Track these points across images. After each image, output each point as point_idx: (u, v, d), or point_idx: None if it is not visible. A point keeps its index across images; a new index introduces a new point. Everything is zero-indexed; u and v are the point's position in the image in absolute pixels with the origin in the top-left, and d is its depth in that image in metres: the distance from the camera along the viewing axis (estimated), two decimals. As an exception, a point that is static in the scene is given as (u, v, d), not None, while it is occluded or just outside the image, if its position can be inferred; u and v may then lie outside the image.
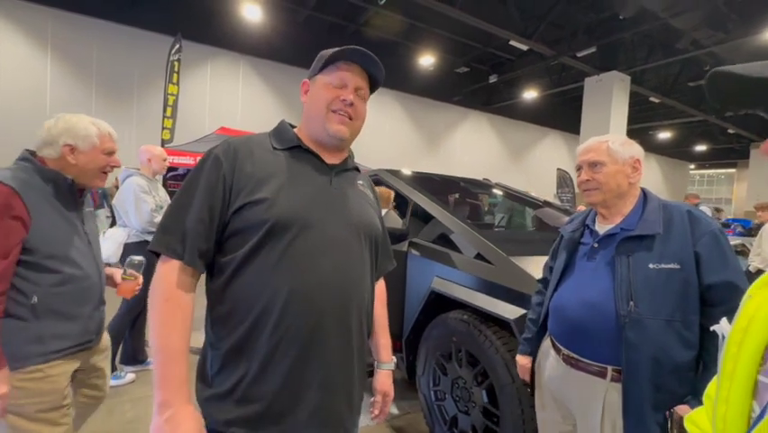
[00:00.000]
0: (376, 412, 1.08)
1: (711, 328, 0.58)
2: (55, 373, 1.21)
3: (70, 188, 1.28)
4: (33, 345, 1.16)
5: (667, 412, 1.03)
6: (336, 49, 0.90)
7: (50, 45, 8.50)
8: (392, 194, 3.06)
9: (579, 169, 1.25)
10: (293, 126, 0.98)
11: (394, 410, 2.48)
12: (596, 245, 1.20)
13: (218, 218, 0.82)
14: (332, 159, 0.95)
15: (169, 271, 0.79)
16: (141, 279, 1.57)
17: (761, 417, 0.40)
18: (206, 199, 0.81)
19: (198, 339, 0.91)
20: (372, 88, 0.98)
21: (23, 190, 1.13)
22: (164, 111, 8.23)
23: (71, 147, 1.27)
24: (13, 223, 1.09)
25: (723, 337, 0.50)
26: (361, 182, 1.02)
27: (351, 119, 0.91)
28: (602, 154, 1.19)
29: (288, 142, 0.92)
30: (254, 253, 0.80)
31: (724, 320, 0.54)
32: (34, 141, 1.26)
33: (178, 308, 0.78)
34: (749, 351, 0.44)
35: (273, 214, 0.81)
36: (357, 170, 1.04)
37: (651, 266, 1.07)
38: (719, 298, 1.04)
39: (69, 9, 8.52)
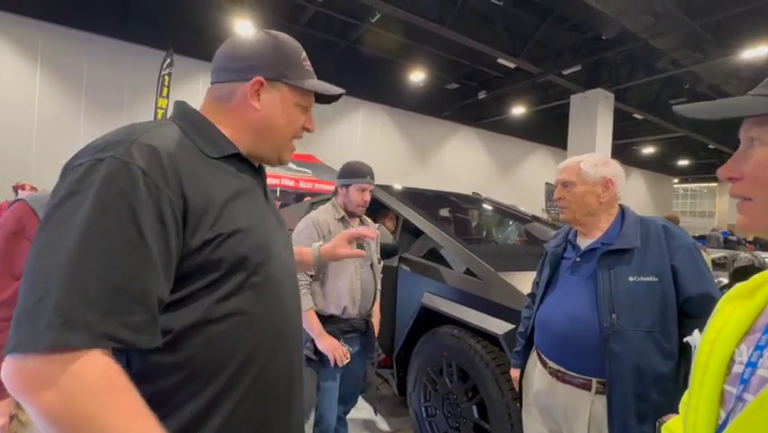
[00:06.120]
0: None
1: (685, 340, 0.61)
2: None
3: None
4: None
5: (657, 422, 1.05)
6: (307, 64, 0.77)
7: (40, 59, 8.46)
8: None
9: (556, 186, 1.30)
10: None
11: (385, 427, 2.45)
12: (578, 260, 1.24)
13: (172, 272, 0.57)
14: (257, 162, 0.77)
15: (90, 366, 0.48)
16: None
17: (726, 423, 0.43)
18: (159, 254, 0.54)
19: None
20: None
21: None
22: (154, 125, 8.17)
23: None
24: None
25: (695, 348, 0.53)
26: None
27: None
28: (573, 175, 1.24)
29: (224, 150, 0.68)
30: (229, 297, 0.61)
31: (696, 332, 0.57)
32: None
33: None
34: (716, 361, 0.47)
35: (247, 246, 0.63)
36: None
37: (631, 279, 1.11)
38: (697, 309, 1.08)
39: (60, 23, 8.52)
